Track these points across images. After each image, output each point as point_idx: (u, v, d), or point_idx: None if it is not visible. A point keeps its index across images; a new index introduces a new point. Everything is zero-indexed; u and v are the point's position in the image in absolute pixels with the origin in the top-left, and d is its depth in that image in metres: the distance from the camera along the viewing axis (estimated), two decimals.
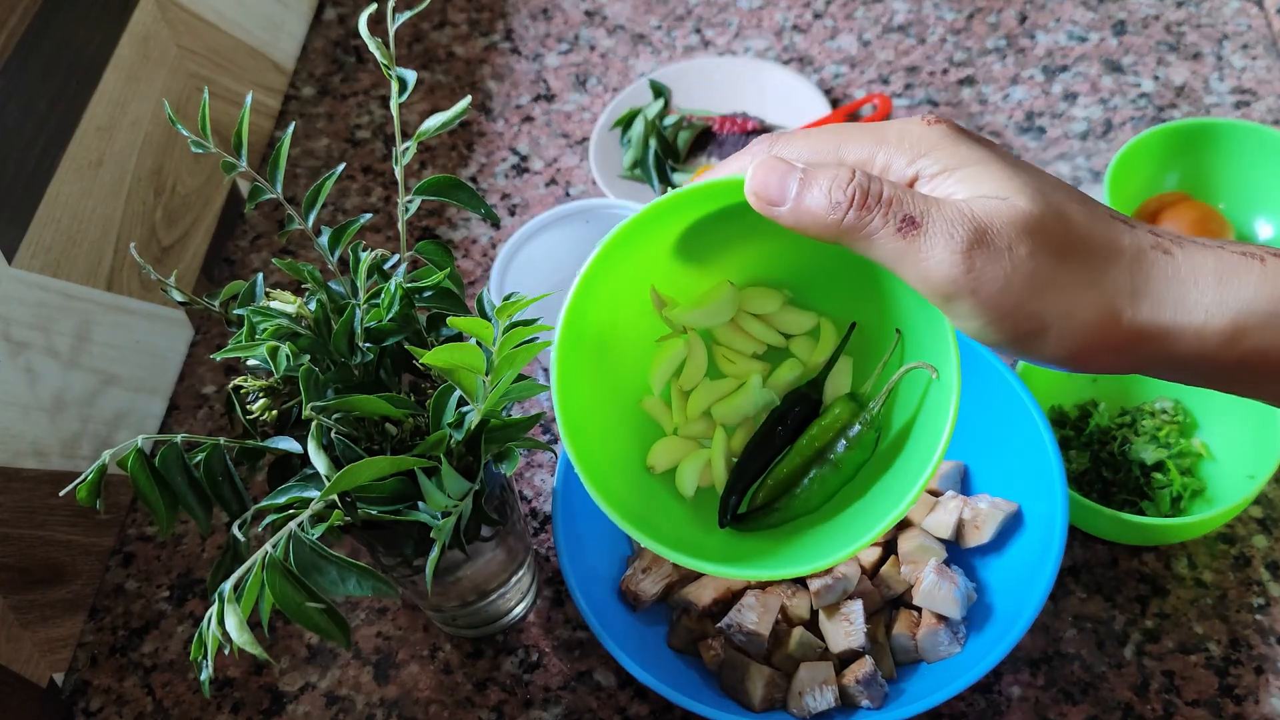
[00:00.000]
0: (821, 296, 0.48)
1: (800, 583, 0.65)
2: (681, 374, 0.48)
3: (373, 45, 0.52)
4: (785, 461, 0.46)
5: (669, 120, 0.92)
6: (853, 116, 0.90)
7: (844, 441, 0.45)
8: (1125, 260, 0.37)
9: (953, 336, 0.40)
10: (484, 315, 0.56)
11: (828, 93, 0.95)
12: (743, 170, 0.40)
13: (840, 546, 0.42)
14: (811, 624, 0.64)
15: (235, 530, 0.50)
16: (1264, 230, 0.81)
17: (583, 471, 0.42)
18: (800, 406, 0.47)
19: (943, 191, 0.38)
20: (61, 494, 0.51)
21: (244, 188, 0.93)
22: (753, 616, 0.62)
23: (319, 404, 0.49)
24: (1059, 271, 0.37)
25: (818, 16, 1.01)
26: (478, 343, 0.46)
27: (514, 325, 0.46)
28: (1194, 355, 0.37)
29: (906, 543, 0.66)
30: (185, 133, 0.55)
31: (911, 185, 0.38)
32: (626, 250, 0.43)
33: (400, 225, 0.57)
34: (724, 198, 0.42)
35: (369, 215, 0.61)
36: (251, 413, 0.53)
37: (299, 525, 0.46)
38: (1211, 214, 0.79)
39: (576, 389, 0.43)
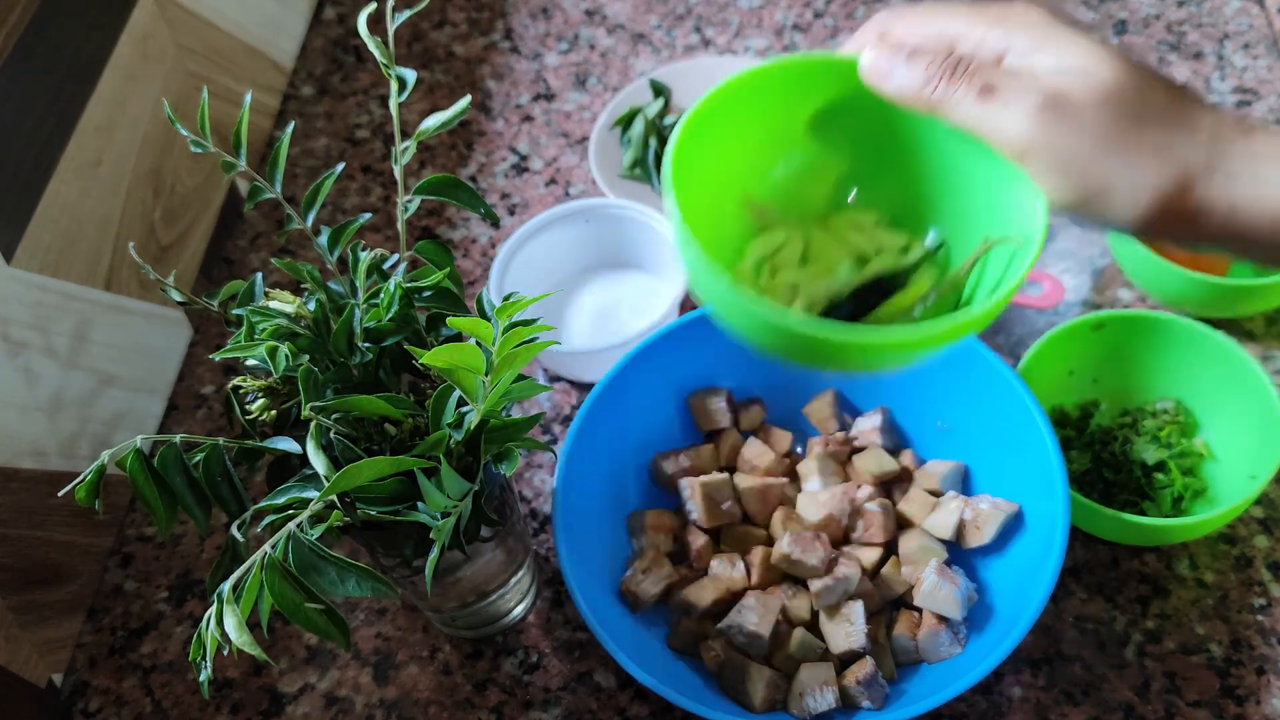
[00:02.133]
0: (915, 218, 0.51)
1: (801, 583, 0.65)
2: (776, 255, 0.51)
3: (372, 45, 0.52)
4: (868, 320, 0.49)
5: (669, 120, 0.92)
6: None
7: (922, 306, 0.48)
8: (1203, 136, 0.41)
9: (1041, 214, 0.43)
10: (484, 315, 0.56)
11: None
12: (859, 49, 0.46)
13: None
14: (812, 625, 0.64)
15: (234, 531, 0.50)
16: None
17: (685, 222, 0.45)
18: (885, 283, 0.50)
19: (1031, 64, 0.42)
20: (60, 494, 0.51)
21: (243, 187, 0.93)
22: (753, 617, 0.62)
23: (318, 404, 0.49)
24: (1130, 136, 0.40)
25: (818, 15, 1.01)
26: (477, 343, 0.46)
27: (514, 325, 0.46)
28: (1266, 230, 0.40)
29: (907, 543, 0.66)
30: (184, 132, 0.55)
31: (1001, 60, 0.43)
32: (739, 102, 0.50)
33: (400, 225, 0.56)
34: (838, 76, 0.47)
35: (368, 215, 0.61)
36: (250, 413, 0.52)
37: (298, 526, 0.46)
38: None
39: (690, 177, 0.47)
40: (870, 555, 0.66)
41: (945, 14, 0.45)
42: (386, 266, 0.57)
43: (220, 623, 0.44)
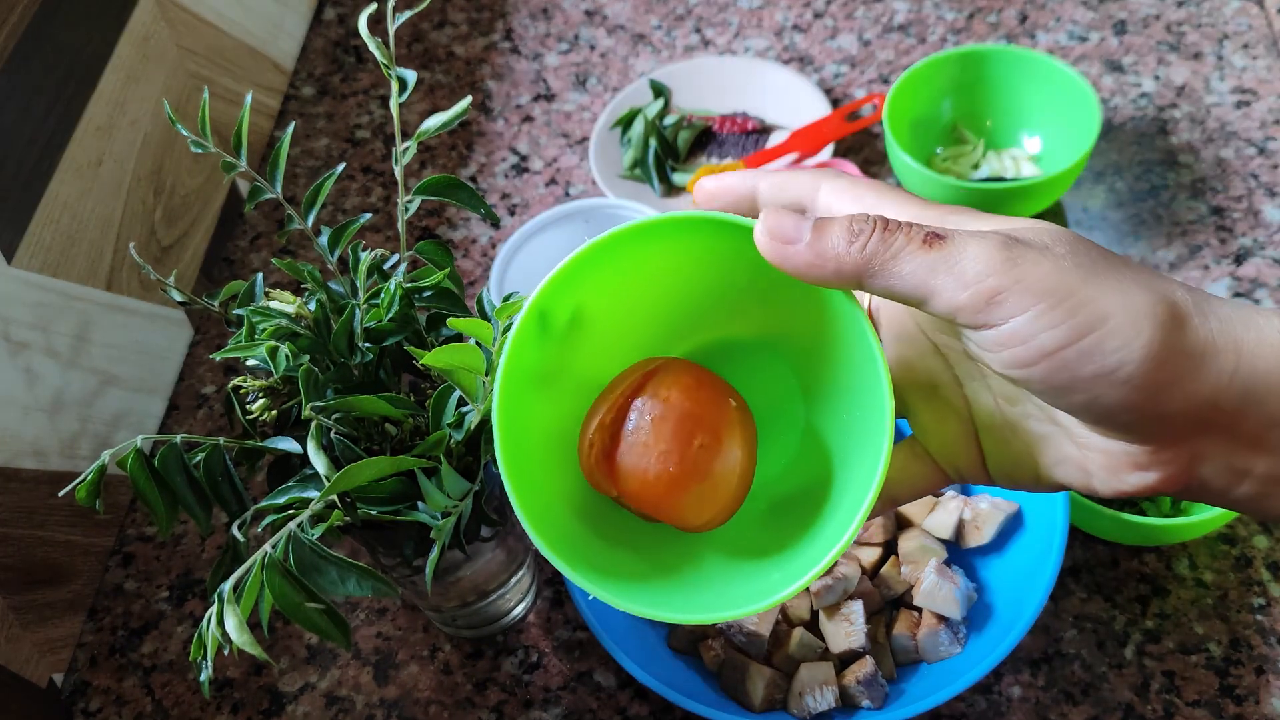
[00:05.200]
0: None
1: None
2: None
3: (372, 45, 0.52)
4: None
5: (669, 120, 0.92)
6: (853, 116, 0.90)
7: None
8: (1177, 284, 0.35)
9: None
10: (484, 315, 0.56)
11: (828, 92, 0.95)
12: (725, 208, 0.39)
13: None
14: (812, 624, 0.64)
15: (235, 530, 0.50)
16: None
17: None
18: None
19: (953, 223, 0.36)
20: (61, 494, 0.51)
21: (244, 187, 0.93)
22: (753, 617, 0.62)
23: (318, 404, 0.49)
24: (1107, 269, 0.34)
25: (818, 16, 1.01)
26: (477, 343, 0.46)
27: (513, 325, 0.46)
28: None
29: (907, 543, 0.66)
30: (185, 133, 0.55)
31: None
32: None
33: (400, 225, 0.57)
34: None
35: (369, 215, 0.61)
36: (251, 413, 0.52)
37: (299, 525, 0.46)
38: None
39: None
40: (870, 555, 0.66)
41: (875, 193, 0.38)
42: (387, 267, 0.57)
43: (221, 622, 0.44)
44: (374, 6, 0.53)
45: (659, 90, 0.93)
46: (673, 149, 0.90)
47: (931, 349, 0.41)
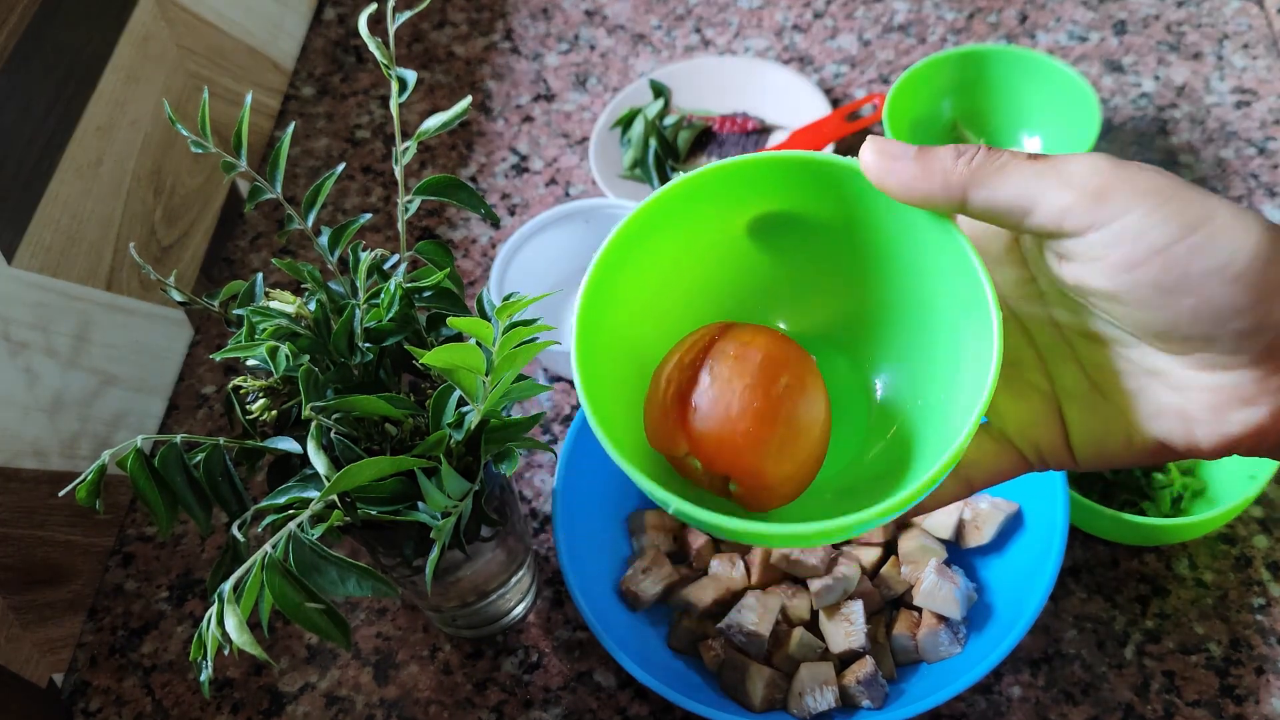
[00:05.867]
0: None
1: (800, 583, 0.65)
2: None
3: (372, 45, 0.52)
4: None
5: (669, 120, 0.92)
6: (853, 116, 0.90)
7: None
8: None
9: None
10: (484, 315, 0.56)
11: (828, 92, 0.95)
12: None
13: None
14: (812, 624, 0.64)
15: (235, 530, 0.50)
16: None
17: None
18: None
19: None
20: (61, 494, 0.51)
21: (244, 188, 0.93)
22: (753, 617, 0.62)
23: (319, 404, 0.49)
24: (1203, 188, 0.34)
25: (818, 16, 1.01)
26: (478, 343, 0.46)
27: (514, 325, 0.46)
28: None
29: (907, 543, 0.66)
30: (185, 133, 0.55)
31: None
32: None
33: (400, 225, 0.57)
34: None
35: (369, 215, 0.61)
36: (251, 413, 0.52)
37: (299, 525, 0.46)
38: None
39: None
40: (870, 555, 0.66)
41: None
42: (387, 267, 0.57)
43: (221, 622, 0.44)
44: (374, 6, 0.53)
45: (659, 90, 0.93)
46: (673, 149, 0.90)
47: (1012, 326, 0.40)
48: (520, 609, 0.69)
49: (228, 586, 0.44)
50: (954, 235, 0.37)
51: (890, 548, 0.67)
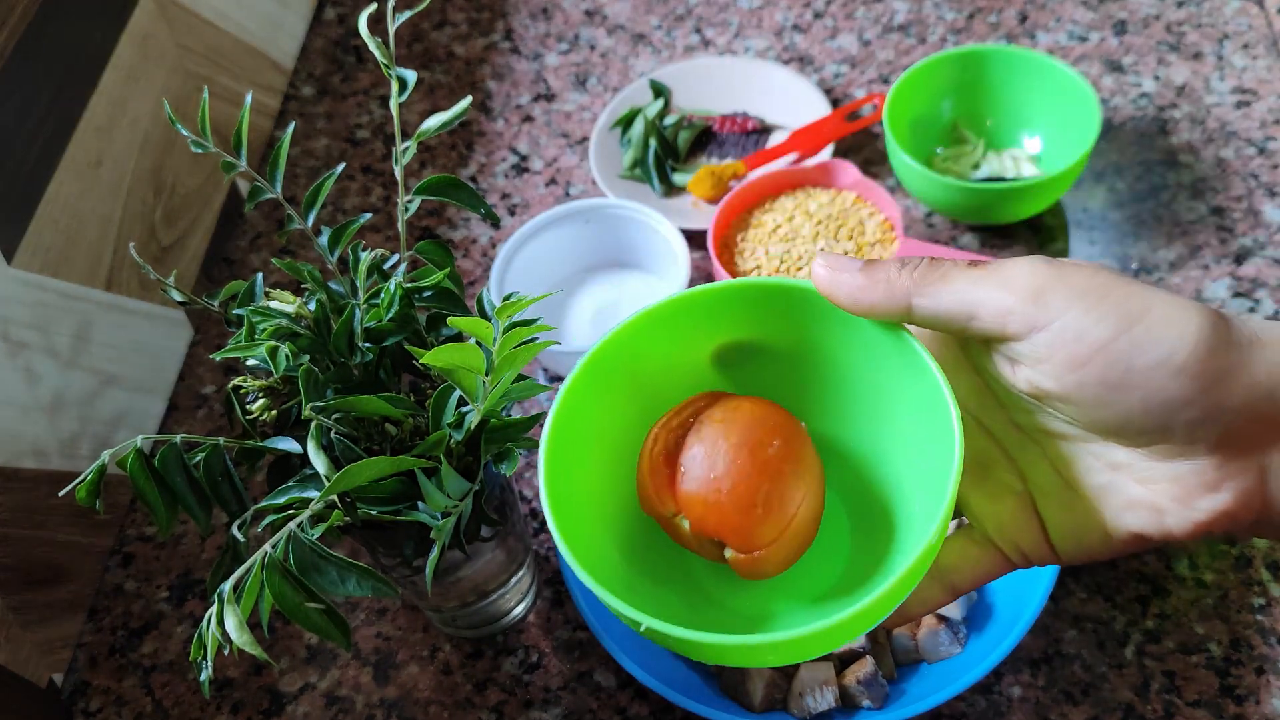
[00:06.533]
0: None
1: None
2: None
3: (372, 45, 0.52)
4: None
5: (669, 120, 0.92)
6: (853, 116, 0.90)
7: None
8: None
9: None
10: (484, 315, 0.56)
11: (828, 92, 0.95)
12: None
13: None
14: None
15: (235, 530, 0.50)
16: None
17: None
18: None
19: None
20: (61, 494, 0.51)
21: (243, 187, 0.93)
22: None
23: (319, 404, 0.49)
24: (1139, 282, 0.35)
25: (818, 16, 1.01)
26: (478, 343, 0.46)
27: (514, 325, 0.46)
28: None
29: None
30: (185, 132, 0.55)
31: None
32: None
33: (400, 225, 0.57)
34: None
35: (369, 215, 0.61)
36: (251, 413, 0.52)
37: (298, 525, 0.46)
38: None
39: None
40: None
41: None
42: (387, 266, 0.57)
43: (221, 622, 0.44)
44: (374, 6, 0.53)
45: (659, 90, 0.93)
46: (673, 149, 0.90)
47: (977, 430, 0.41)
48: (520, 609, 0.69)
49: (228, 586, 0.44)
50: (907, 341, 0.39)
51: None
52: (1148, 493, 0.36)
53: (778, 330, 0.43)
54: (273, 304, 0.54)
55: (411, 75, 0.53)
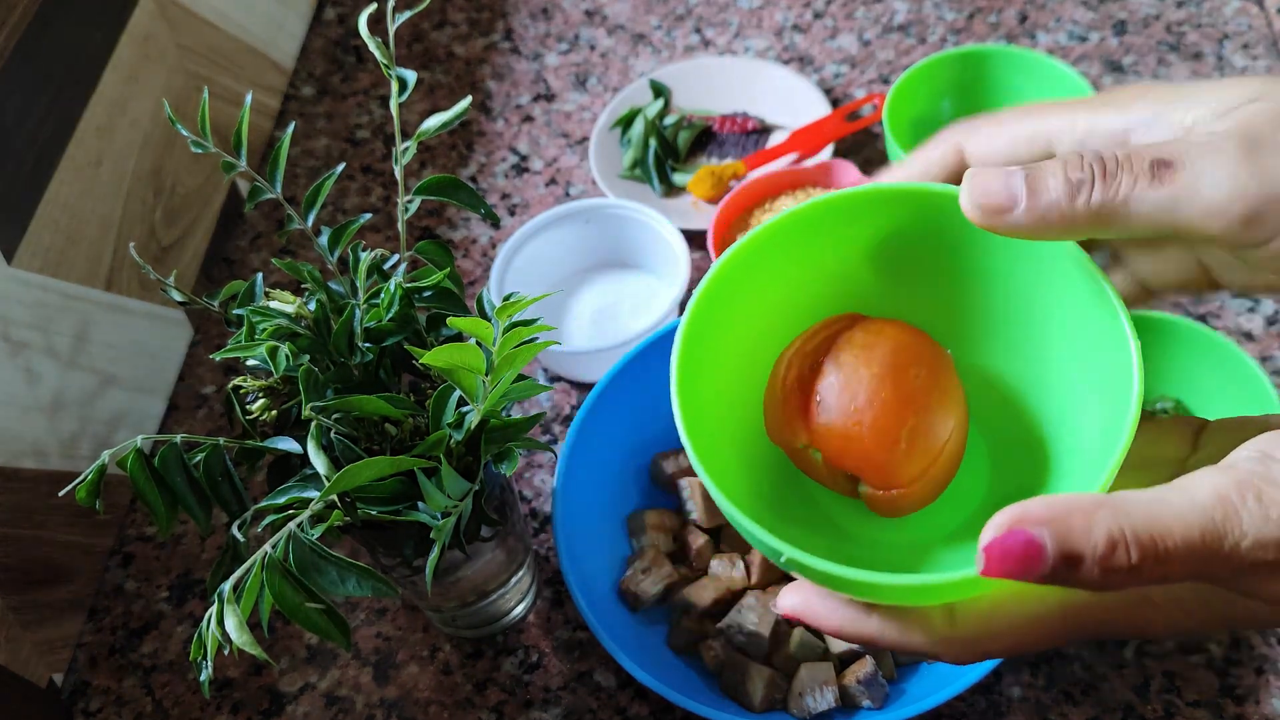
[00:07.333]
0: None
1: None
2: None
3: (372, 45, 0.52)
4: None
5: (669, 120, 0.92)
6: (853, 116, 0.90)
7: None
8: None
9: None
10: (484, 315, 0.56)
11: (828, 92, 0.95)
12: (916, 176, 0.36)
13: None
14: None
15: (235, 530, 0.50)
16: None
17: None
18: None
19: (1172, 123, 0.32)
20: (61, 494, 0.51)
21: (243, 187, 0.93)
22: (753, 617, 0.62)
23: (318, 404, 0.49)
24: None
25: (818, 16, 1.01)
26: (478, 343, 0.46)
27: (514, 325, 0.46)
28: None
29: None
30: (185, 133, 0.55)
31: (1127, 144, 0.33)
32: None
33: (400, 225, 0.57)
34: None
35: (369, 215, 0.61)
36: (251, 413, 0.52)
37: (298, 525, 0.46)
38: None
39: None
40: None
41: (1028, 111, 0.35)
42: (387, 267, 0.57)
43: (221, 622, 0.44)
44: (374, 6, 0.53)
45: (659, 90, 0.93)
46: (673, 149, 0.90)
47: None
48: (520, 609, 0.69)
49: (228, 586, 0.44)
50: (1079, 260, 0.34)
51: None
52: None
53: (922, 247, 0.38)
54: (273, 304, 0.54)
55: (411, 75, 0.53)
